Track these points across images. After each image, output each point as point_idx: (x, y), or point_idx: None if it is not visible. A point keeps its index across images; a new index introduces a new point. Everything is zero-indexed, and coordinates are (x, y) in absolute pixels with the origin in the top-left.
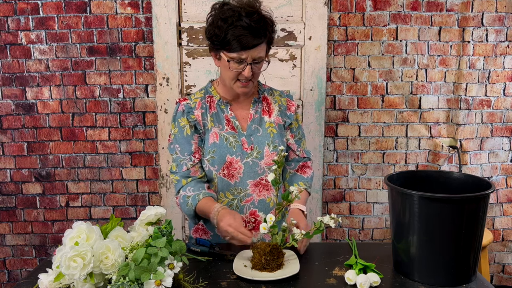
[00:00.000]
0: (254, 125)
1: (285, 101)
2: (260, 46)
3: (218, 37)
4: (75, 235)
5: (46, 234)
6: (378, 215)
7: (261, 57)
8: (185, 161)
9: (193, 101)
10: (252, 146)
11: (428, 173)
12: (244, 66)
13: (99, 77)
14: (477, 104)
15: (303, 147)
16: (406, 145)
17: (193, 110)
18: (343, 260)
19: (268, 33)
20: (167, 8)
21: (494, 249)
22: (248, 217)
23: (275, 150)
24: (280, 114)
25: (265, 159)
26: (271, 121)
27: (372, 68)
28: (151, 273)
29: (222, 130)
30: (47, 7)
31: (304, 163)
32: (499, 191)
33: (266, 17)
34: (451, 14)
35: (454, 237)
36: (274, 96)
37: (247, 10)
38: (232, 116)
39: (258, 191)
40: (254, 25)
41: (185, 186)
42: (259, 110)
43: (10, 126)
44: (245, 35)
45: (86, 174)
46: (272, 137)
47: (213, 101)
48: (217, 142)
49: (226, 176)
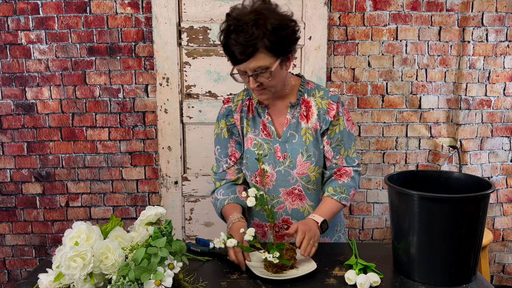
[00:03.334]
0: (290, 131)
1: (326, 104)
2: (255, 57)
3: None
4: (75, 235)
5: (46, 234)
6: (378, 215)
7: (262, 67)
8: (222, 162)
9: (234, 103)
10: (285, 154)
11: (428, 173)
12: (247, 78)
13: (99, 77)
14: (477, 104)
15: (344, 154)
16: (406, 145)
17: (232, 113)
18: (343, 260)
19: (264, 41)
20: (167, 8)
21: (494, 249)
22: (281, 223)
23: (309, 160)
24: (319, 119)
25: (298, 168)
26: (308, 126)
27: (372, 68)
28: (151, 273)
29: (257, 135)
30: (47, 7)
31: (341, 168)
32: (499, 191)
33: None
34: (451, 14)
35: (454, 237)
36: (316, 97)
37: (241, 21)
38: (268, 121)
39: (291, 200)
40: (241, 40)
41: (218, 189)
42: (296, 114)
43: (10, 126)
44: (235, 50)
45: (86, 174)
46: (307, 145)
47: (252, 104)
48: (251, 149)
49: (258, 183)
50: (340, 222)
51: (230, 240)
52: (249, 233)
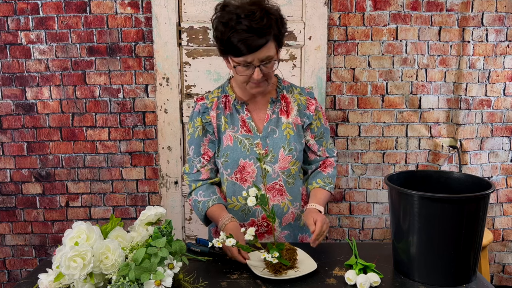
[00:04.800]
0: (270, 126)
1: (305, 100)
2: (266, 46)
3: (222, 41)
4: (75, 235)
5: (46, 234)
6: (378, 215)
7: (270, 57)
8: (195, 162)
9: (210, 100)
10: (267, 149)
11: (428, 173)
12: (251, 70)
13: (99, 77)
14: (477, 104)
15: (325, 146)
16: (406, 145)
17: (209, 110)
18: (343, 260)
19: (274, 30)
20: (167, 8)
21: (494, 249)
22: (260, 221)
23: (291, 154)
24: (299, 114)
25: (280, 163)
26: (289, 121)
27: (372, 68)
28: (151, 273)
29: (236, 132)
30: (47, 7)
31: (325, 161)
32: (499, 191)
33: (271, 11)
34: (451, 14)
35: (454, 237)
36: (294, 94)
37: (247, 9)
38: (248, 117)
39: (271, 196)
40: (255, 26)
41: (196, 190)
42: (276, 110)
43: (10, 126)
44: (247, 38)
45: (86, 174)
46: (289, 140)
47: (229, 101)
48: (231, 145)
49: (238, 180)
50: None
51: (229, 239)
52: (249, 232)
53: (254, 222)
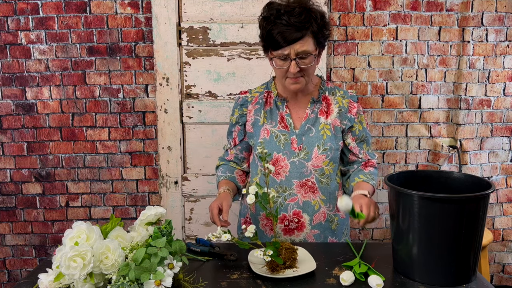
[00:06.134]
0: (308, 125)
1: (347, 102)
2: (303, 40)
3: (262, 36)
4: (75, 235)
5: (46, 234)
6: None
7: (306, 51)
8: (227, 143)
9: (251, 95)
10: (301, 146)
11: (428, 173)
12: (288, 63)
13: (99, 77)
14: (477, 104)
15: (366, 149)
16: (406, 145)
17: (247, 104)
18: (343, 260)
19: (313, 27)
20: (167, 8)
21: (494, 249)
22: (291, 217)
23: (325, 153)
24: (339, 116)
25: (313, 160)
26: (327, 122)
27: (372, 68)
28: (151, 273)
29: (274, 127)
30: (47, 7)
31: (367, 161)
32: (499, 191)
33: (312, 9)
34: (451, 14)
35: (454, 237)
36: (336, 96)
37: (289, 6)
38: (287, 113)
39: (303, 192)
40: (293, 20)
41: (220, 167)
42: (316, 110)
43: (10, 126)
44: (285, 30)
45: (86, 174)
46: (324, 139)
47: (271, 97)
48: (267, 138)
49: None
50: (347, 226)
51: (225, 234)
52: (249, 230)
53: (285, 217)
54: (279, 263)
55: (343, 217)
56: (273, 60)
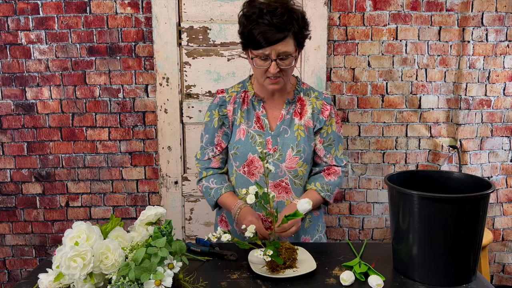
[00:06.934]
0: (283, 126)
1: (320, 104)
2: (285, 41)
3: (243, 34)
4: (75, 235)
5: (46, 234)
6: (378, 215)
7: (287, 52)
8: (207, 150)
9: (229, 94)
10: (276, 147)
11: (428, 173)
12: (269, 63)
13: (99, 77)
14: (477, 104)
15: (334, 154)
16: (406, 145)
17: (226, 104)
18: (343, 260)
19: (294, 28)
20: (167, 8)
21: (494, 249)
22: (264, 216)
23: (298, 155)
24: (312, 117)
25: (287, 162)
26: (301, 123)
27: (372, 68)
28: (151, 273)
29: (250, 127)
30: (47, 7)
31: (330, 167)
32: (499, 191)
33: (294, 10)
34: (451, 14)
35: (454, 237)
36: (311, 97)
37: (271, 6)
38: (263, 114)
39: (277, 192)
40: (275, 21)
41: (207, 178)
42: (291, 111)
43: (10, 126)
44: (267, 31)
45: (86, 174)
46: (298, 141)
47: (247, 96)
48: (242, 139)
49: (246, 173)
50: (322, 223)
51: (225, 234)
52: (249, 229)
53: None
54: (279, 263)
55: (317, 215)
56: (253, 60)
